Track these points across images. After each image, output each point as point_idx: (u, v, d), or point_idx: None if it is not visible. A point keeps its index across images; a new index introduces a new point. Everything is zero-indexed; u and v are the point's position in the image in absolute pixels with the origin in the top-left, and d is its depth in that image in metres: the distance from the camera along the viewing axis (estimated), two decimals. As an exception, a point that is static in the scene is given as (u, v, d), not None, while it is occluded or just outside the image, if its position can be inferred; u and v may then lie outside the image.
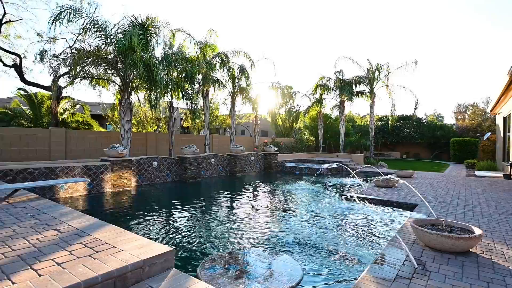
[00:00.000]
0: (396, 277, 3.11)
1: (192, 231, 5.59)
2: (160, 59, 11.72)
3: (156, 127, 19.35)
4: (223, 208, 7.72)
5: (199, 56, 14.45)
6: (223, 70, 15.22)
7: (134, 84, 11.52)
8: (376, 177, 9.90)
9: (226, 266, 3.83)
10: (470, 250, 3.89)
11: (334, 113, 23.75)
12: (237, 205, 8.18)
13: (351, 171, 11.50)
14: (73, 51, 10.33)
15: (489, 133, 21.07)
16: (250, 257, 4.24)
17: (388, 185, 9.39)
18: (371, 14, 71.43)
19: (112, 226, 3.56)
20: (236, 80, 16.06)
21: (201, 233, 5.50)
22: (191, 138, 16.14)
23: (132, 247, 2.87)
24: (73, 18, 9.76)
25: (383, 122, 28.69)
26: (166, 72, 12.14)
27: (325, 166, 15.06)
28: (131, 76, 11.09)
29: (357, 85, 20.79)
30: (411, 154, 28.62)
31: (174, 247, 4.73)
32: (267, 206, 8.07)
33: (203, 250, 4.63)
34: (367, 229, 5.78)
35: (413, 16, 68.58)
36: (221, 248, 4.71)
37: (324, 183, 11.87)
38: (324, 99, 21.83)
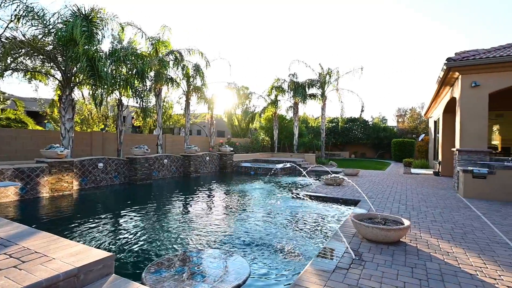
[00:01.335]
0: (336, 268, 3.33)
1: (139, 235, 5.36)
2: (107, 53, 11.01)
3: (103, 126, 18.09)
4: (174, 210, 7.53)
5: (151, 52, 13.89)
6: (177, 68, 14.82)
7: (77, 79, 10.65)
8: (325, 176, 10.45)
9: (173, 268, 3.75)
10: (401, 240, 4.33)
11: (289, 115, 24.50)
12: (188, 207, 8.03)
13: (302, 170, 11.99)
14: (2, 40, 9.21)
15: (423, 135, 23.52)
16: (198, 258, 4.20)
17: (335, 183, 9.97)
18: (323, 21, 75.15)
19: (45, 233, 3.26)
20: (191, 79, 15.75)
21: (149, 236, 5.30)
22: (142, 138, 15.40)
23: (66, 254, 2.67)
24: (2, 3, 8.71)
25: (334, 124, 30.37)
26: (114, 67, 11.46)
27: (279, 166, 15.50)
28: (73, 71, 10.24)
29: (310, 88, 21.71)
30: (358, 154, 30.72)
31: (118, 252, 4.50)
32: (220, 207, 8.06)
33: (150, 254, 4.47)
34: (314, 225, 6.08)
35: (361, 26, 73.69)
36: (170, 251, 4.60)
37: (278, 183, 12.20)
38: (279, 100, 22.44)
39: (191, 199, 9.03)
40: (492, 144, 14.00)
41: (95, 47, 10.00)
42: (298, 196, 8.38)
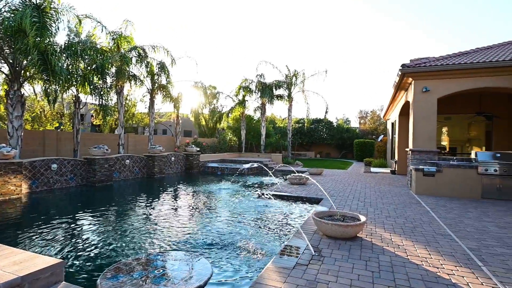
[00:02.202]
0: (296, 265, 3.43)
1: (96, 240, 5.09)
2: (62, 47, 10.30)
3: (57, 125, 16.87)
4: (135, 213, 7.24)
5: (113, 48, 13.23)
6: (141, 65, 14.26)
7: (27, 74, 9.83)
8: (290, 175, 10.69)
9: (132, 273, 3.61)
10: (358, 235, 4.56)
11: (257, 115, 24.68)
12: (151, 208, 7.77)
13: (268, 170, 12.15)
14: None
15: (382, 136, 24.99)
16: (159, 261, 4.08)
17: (300, 182, 10.24)
18: (290, 23, 76.78)
19: (-16, 241, 2.98)
20: (156, 77, 15.24)
21: (106, 241, 5.05)
22: (102, 137, 14.60)
23: (8, 263, 2.46)
24: None
25: (300, 124, 31.17)
26: (71, 62, 10.74)
27: (247, 166, 15.55)
28: (23, 64, 9.44)
29: (277, 89, 22.06)
30: (323, 154, 31.82)
31: (73, 259, 4.24)
32: (184, 208, 7.90)
33: (108, 260, 4.27)
34: (278, 223, 6.20)
35: (326, 30, 76.37)
36: (130, 255, 4.42)
37: (244, 182, 12.24)
38: (247, 100, 22.52)
39: (153, 200, 8.74)
40: (442, 144, 15.26)
41: (48, 40, 9.29)
42: (263, 195, 8.48)
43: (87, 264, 4.17)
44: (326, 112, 22.63)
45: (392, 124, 18.49)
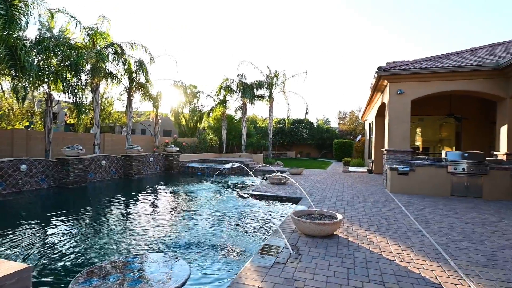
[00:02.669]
0: (274, 263, 3.46)
1: (68, 244, 4.89)
2: (33, 42, 9.81)
3: (27, 123, 16.04)
4: (111, 215, 7.03)
5: (88, 44, 12.76)
6: (118, 63, 13.83)
7: (-7, 69, 9.29)
8: (271, 175, 10.76)
9: (107, 276, 3.50)
10: (335, 233, 4.67)
11: (238, 115, 24.62)
12: (127, 210, 7.57)
13: (249, 170, 12.17)
14: None
15: (360, 136, 25.68)
16: (136, 263, 3.99)
17: (280, 182, 10.33)
18: (272, 25, 77.25)
19: None
20: (134, 75, 14.85)
21: (80, 245, 4.87)
22: (76, 137, 14.03)
23: (-31, 270, 2.31)
24: None
25: (281, 125, 31.44)
26: (42, 58, 10.26)
27: (227, 166, 15.47)
28: (-12, 59, 8.91)
29: (258, 89, 22.10)
30: (304, 154, 32.26)
31: (44, 264, 4.05)
32: (163, 209, 7.76)
33: (81, 264, 4.12)
34: (258, 223, 6.23)
35: (307, 32, 77.50)
36: (104, 259, 4.29)
37: (225, 183, 12.19)
38: (228, 100, 22.42)
39: (131, 202, 8.52)
40: (415, 144, 15.91)
41: (17, 34, 8.82)
42: (243, 195, 8.49)
43: (58, 269, 4.00)
44: (307, 113, 22.96)
45: (370, 124, 19.06)
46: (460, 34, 70.60)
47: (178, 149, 16.37)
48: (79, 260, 4.25)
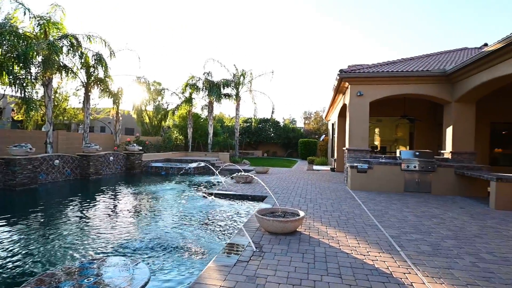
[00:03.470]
0: (237, 262, 3.47)
1: (14, 251, 4.48)
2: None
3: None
4: (64, 218, 6.57)
5: (39, 34, 11.78)
6: (74, 56, 12.93)
7: None
8: (236, 174, 10.77)
9: (58, 284, 3.27)
10: (297, 229, 4.80)
11: (204, 113, 24.26)
12: (83, 213, 7.11)
13: (214, 169, 12.06)
14: None
15: (324, 136, 26.64)
16: (92, 268, 3.77)
17: (246, 181, 10.37)
18: (239, 25, 77.16)
19: None
20: (92, 69, 13.98)
21: (28, 252, 4.49)
22: (25, 134, 12.87)
23: None
24: None
25: (248, 124, 31.55)
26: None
27: (193, 165, 15.21)
28: None
29: (225, 87, 21.98)
30: (270, 153, 32.69)
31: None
32: (122, 211, 7.41)
33: (29, 273, 3.80)
34: (223, 222, 6.20)
35: (274, 32, 78.52)
36: (57, 265, 4.00)
37: (190, 182, 11.96)
38: (194, 98, 22.01)
39: (87, 204, 8.01)
40: (374, 144, 16.86)
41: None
42: (208, 195, 8.40)
43: (0, 279, 3.65)
44: (273, 112, 23.29)
45: (332, 125, 19.83)
46: (423, 37, 76.07)
47: (140, 148, 15.75)
48: (26, 268, 3.92)
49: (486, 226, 5.39)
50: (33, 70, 11.23)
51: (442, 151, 10.52)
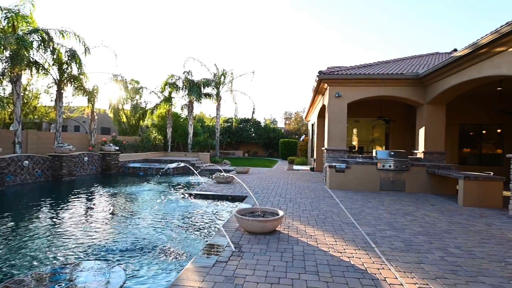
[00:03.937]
0: (216, 263, 3.45)
1: (-23, 257, 4.22)
2: None
3: None
4: (34, 222, 6.25)
5: (7, 28, 11.14)
6: (45, 51, 12.33)
7: None
8: (217, 174, 10.70)
9: (26, 291, 3.11)
10: (276, 229, 4.84)
11: (184, 113, 23.89)
12: (55, 216, 6.81)
13: (194, 170, 11.91)
14: None
15: (304, 136, 27.03)
16: (65, 273, 3.62)
17: (226, 181, 10.33)
18: (220, 24, 76.68)
19: None
20: (65, 66, 13.38)
21: (-7, 257, 4.23)
22: (-9, 134, 12.15)
23: None
24: None
25: (229, 124, 31.44)
26: None
27: (172, 165, 14.95)
28: None
29: (205, 87, 21.78)
30: (251, 153, 32.74)
31: None
32: (97, 213, 7.16)
33: (-8, 279, 3.58)
34: (202, 223, 6.14)
35: (255, 32, 78.69)
36: (26, 271, 3.80)
37: (169, 183, 11.75)
38: (174, 97, 21.65)
39: (59, 206, 7.67)
40: (352, 144, 17.30)
41: None
42: (188, 196, 8.28)
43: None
44: (253, 112, 23.34)
45: (312, 125, 20.16)
46: (400, 38, 78.82)
47: (117, 148, 15.28)
48: (-10, 276, 3.70)
49: (454, 222, 5.68)
50: (0, 65, 10.62)
51: (415, 151, 10.97)
